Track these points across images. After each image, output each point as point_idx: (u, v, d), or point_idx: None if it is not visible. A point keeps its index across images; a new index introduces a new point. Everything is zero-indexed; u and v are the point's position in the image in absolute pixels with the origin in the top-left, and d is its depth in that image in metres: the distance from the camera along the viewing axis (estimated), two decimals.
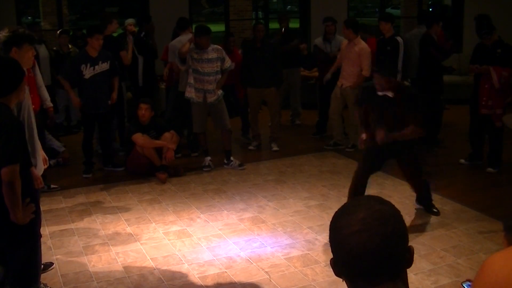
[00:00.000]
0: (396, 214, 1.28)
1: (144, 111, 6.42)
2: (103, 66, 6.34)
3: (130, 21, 8.47)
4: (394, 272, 1.26)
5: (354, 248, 1.23)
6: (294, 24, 13.70)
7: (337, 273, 1.31)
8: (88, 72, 6.27)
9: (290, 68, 8.21)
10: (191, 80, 6.45)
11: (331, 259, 1.32)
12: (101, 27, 6.68)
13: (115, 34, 8.15)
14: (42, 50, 7.55)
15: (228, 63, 6.46)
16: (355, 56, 7.00)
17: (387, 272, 1.25)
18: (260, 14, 20.13)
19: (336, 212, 1.33)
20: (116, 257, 4.39)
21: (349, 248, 1.23)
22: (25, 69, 3.91)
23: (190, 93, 6.47)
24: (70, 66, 6.45)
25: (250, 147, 7.51)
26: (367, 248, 1.22)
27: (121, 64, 6.91)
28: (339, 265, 1.28)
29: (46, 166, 3.84)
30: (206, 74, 6.35)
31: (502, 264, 1.20)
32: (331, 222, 1.32)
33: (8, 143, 2.94)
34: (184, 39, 7.05)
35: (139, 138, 6.30)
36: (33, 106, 3.95)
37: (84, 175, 6.45)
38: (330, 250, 1.31)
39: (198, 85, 6.40)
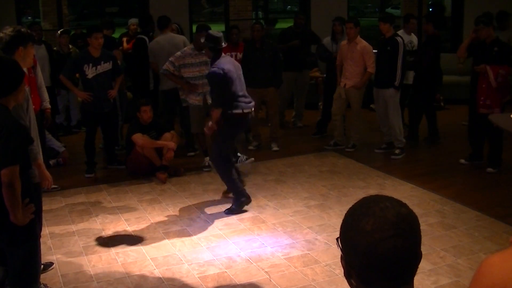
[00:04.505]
0: (416, 217, 1.30)
1: (149, 113, 6.42)
2: (105, 66, 6.36)
3: (133, 20, 8.43)
4: (412, 275, 1.27)
5: (386, 253, 1.20)
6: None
7: (349, 274, 1.27)
8: (90, 72, 6.28)
9: (300, 70, 8.20)
10: (187, 88, 6.44)
11: (343, 259, 1.29)
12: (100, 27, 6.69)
13: (116, 34, 8.14)
14: (41, 50, 7.55)
15: None
16: (358, 55, 6.98)
17: (407, 275, 1.26)
18: (260, 14, 20.13)
19: (352, 211, 1.28)
20: (116, 257, 4.39)
21: (381, 252, 1.20)
22: (26, 69, 3.92)
23: (190, 98, 6.47)
24: (72, 65, 6.47)
25: (250, 147, 7.49)
26: (400, 253, 1.22)
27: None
28: (357, 267, 1.24)
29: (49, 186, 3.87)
30: (205, 77, 6.32)
31: (499, 266, 1.20)
32: (349, 222, 1.27)
33: (8, 144, 2.93)
34: (161, 39, 7.08)
35: (139, 138, 6.30)
36: (34, 107, 3.96)
37: (87, 175, 6.45)
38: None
39: (198, 90, 6.39)
